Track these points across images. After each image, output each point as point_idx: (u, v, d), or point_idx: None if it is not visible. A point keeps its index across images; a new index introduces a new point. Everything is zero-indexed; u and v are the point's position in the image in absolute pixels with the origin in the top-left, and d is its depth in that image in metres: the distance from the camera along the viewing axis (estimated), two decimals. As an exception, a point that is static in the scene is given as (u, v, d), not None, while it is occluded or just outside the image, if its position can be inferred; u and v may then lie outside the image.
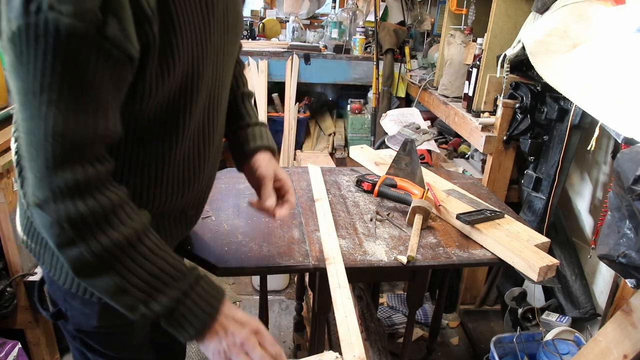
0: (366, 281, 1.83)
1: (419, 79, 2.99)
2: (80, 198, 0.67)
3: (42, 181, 0.66)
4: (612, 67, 1.41)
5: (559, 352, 1.62)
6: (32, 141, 0.64)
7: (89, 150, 0.67)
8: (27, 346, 1.73)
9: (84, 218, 0.67)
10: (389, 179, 1.48)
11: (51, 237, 0.69)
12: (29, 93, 0.62)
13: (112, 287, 0.71)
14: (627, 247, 1.13)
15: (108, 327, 0.98)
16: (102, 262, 0.69)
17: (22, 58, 0.60)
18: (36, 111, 0.63)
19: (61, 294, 0.97)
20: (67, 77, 0.61)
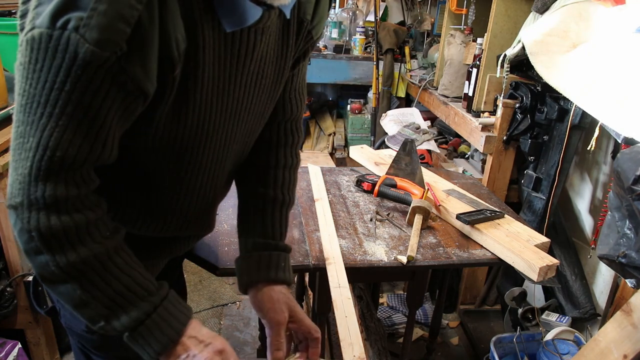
0: (366, 281, 1.83)
1: (419, 79, 2.99)
2: (54, 213, 0.65)
3: (22, 186, 0.64)
4: (612, 67, 1.41)
5: (559, 352, 1.62)
6: (23, 145, 0.63)
7: (77, 171, 0.66)
8: (27, 346, 1.73)
9: (55, 232, 0.65)
10: (389, 179, 1.48)
11: (20, 242, 0.68)
12: (33, 100, 0.61)
13: (75, 298, 0.70)
14: (627, 247, 1.13)
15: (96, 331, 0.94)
16: (67, 275, 0.68)
17: (37, 65, 0.60)
18: (36, 119, 0.62)
19: None
20: (74, 98, 0.61)
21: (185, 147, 0.77)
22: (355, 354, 0.91)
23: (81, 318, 0.73)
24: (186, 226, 0.92)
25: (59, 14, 0.57)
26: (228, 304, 2.45)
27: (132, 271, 0.73)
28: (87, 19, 0.57)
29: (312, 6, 0.84)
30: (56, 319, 1.00)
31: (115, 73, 0.61)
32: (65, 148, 0.63)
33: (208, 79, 0.73)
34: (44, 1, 0.59)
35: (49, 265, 0.67)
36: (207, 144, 0.80)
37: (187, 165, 0.80)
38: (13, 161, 0.65)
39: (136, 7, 0.59)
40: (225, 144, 0.84)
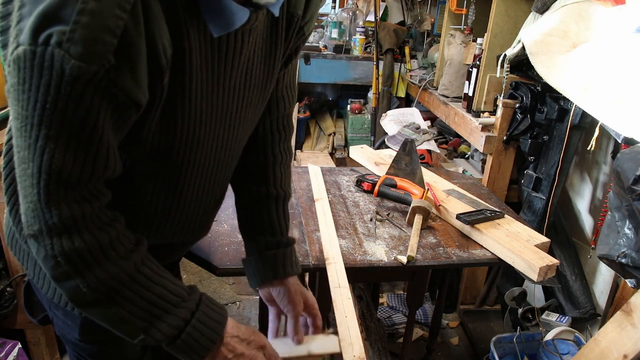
0: (366, 281, 1.83)
1: (419, 79, 2.99)
2: (76, 234, 0.64)
3: (36, 213, 0.62)
4: (612, 67, 1.41)
5: (559, 352, 1.62)
6: (26, 171, 0.61)
7: (85, 187, 0.64)
8: (27, 346, 1.73)
9: (80, 253, 0.64)
10: (389, 179, 1.48)
11: (47, 269, 0.66)
12: (26, 123, 0.58)
13: (112, 316, 0.70)
14: (627, 247, 1.13)
15: (91, 341, 0.95)
16: (99, 295, 0.67)
17: (25, 85, 0.56)
18: (32, 143, 0.59)
19: (46, 302, 0.94)
20: (67, 116, 0.58)
21: (177, 154, 0.75)
22: (355, 354, 0.91)
23: (122, 335, 0.72)
24: (181, 233, 0.90)
25: (40, 29, 0.54)
26: (228, 304, 2.44)
27: (162, 280, 0.73)
28: (70, 32, 0.53)
29: (303, 0, 0.81)
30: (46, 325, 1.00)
31: (105, 86, 0.58)
32: (68, 168, 0.61)
33: (196, 84, 0.71)
34: (25, 15, 0.55)
35: (81, 288, 0.66)
36: (199, 150, 0.78)
37: (179, 172, 0.79)
38: (21, 188, 0.63)
39: (121, 17, 0.55)
40: (218, 148, 0.82)
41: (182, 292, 0.74)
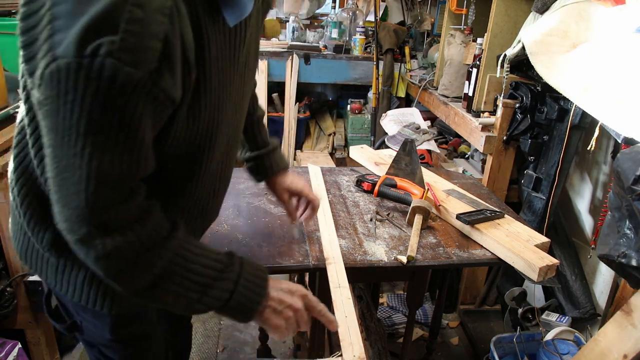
0: (366, 281, 1.83)
1: (419, 79, 2.99)
2: (123, 230, 0.67)
3: (82, 218, 0.64)
4: (612, 67, 1.41)
5: (559, 352, 1.62)
6: (71, 179, 0.63)
7: (128, 187, 0.68)
8: (27, 346, 1.73)
9: (130, 246, 0.68)
10: (389, 179, 1.48)
11: (100, 270, 0.69)
12: (71, 132, 0.60)
13: (168, 296, 0.74)
14: (627, 247, 1.13)
15: (122, 338, 0.98)
16: (154, 279, 0.71)
17: (68, 97, 0.58)
18: (78, 151, 0.61)
19: (72, 307, 0.97)
20: (114, 122, 0.60)
21: (200, 140, 0.80)
22: (355, 354, 0.91)
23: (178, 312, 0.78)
24: (201, 216, 0.95)
25: (87, 41, 0.55)
26: (228, 304, 2.44)
27: (204, 252, 0.78)
28: (120, 42, 0.56)
29: None
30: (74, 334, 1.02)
31: (149, 89, 0.61)
32: (115, 172, 0.64)
33: (214, 74, 0.75)
34: (59, 29, 0.57)
35: (135, 278, 0.70)
36: (218, 132, 0.83)
37: (201, 156, 0.83)
38: (62, 197, 0.65)
39: (163, 22, 0.59)
40: (231, 127, 0.89)
41: (223, 258, 0.80)
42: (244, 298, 0.79)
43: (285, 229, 1.29)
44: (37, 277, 1.63)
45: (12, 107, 1.69)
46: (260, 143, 1.16)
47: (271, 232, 1.27)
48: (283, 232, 1.28)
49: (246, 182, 1.58)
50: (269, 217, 1.35)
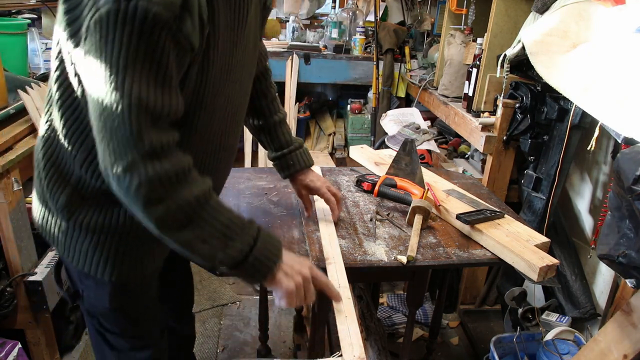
0: (366, 281, 1.83)
1: (419, 79, 2.99)
2: (164, 158, 0.77)
3: (128, 147, 0.74)
4: (612, 67, 1.41)
5: (559, 352, 1.62)
6: (114, 112, 0.72)
7: (163, 121, 0.77)
8: (27, 346, 1.73)
9: (169, 175, 0.77)
10: (389, 179, 1.48)
11: (139, 199, 0.76)
12: (111, 70, 0.71)
13: (193, 238, 0.81)
14: (627, 247, 1.13)
15: (120, 308, 1.05)
16: (184, 216, 0.80)
17: (108, 38, 0.69)
18: (120, 85, 0.71)
19: (77, 276, 1.04)
20: (148, 57, 0.72)
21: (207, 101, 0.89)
22: (355, 354, 0.91)
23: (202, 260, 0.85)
24: None
25: None
26: (228, 304, 2.45)
27: (228, 208, 0.87)
28: None
29: None
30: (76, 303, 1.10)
31: (174, 32, 0.72)
32: (153, 102, 0.74)
33: (221, 40, 0.86)
34: None
35: (171, 210, 0.78)
36: (222, 97, 0.93)
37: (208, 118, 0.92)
38: (107, 132, 0.74)
39: None
40: (234, 96, 0.98)
41: (244, 219, 0.88)
42: (262, 256, 0.87)
43: (285, 229, 1.29)
44: (37, 277, 1.64)
45: (12, 107, 1.69)
46: (284, 143, 1.27)
47: (271, 232, 1.27)
48: (283, 232, 1.28)
49: (246, 182, 1.58)
50: (269, 217, 1.35)
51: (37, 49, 2.11)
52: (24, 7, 2.53)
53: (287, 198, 1.48)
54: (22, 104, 1.72)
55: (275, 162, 1.29)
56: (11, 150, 1.58)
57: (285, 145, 1.27)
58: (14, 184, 1.55)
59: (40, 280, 1.63)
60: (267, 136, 1.28)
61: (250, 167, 3.15)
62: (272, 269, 0.89)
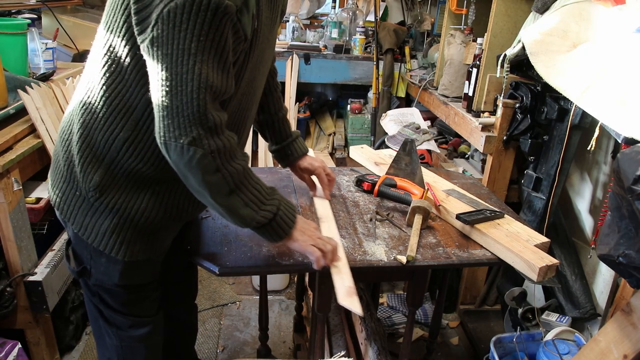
0: (366, 281, 1.83)
1: (419, 79, 2.99)
2: (222, 133, 0.89)
3: (194, 122, 0.85)
4: (612, 67, 1.41)
5: (559, 352, 1.62)
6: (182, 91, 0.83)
7: (220, 102, 0.89)
8: (27, 346, 1.73)
9: (226, 148, 0.90)
10: (389, 179, 1.48)
11: (200, 168, 0.88)
12: (183, 54, 0.81)
13: (239, 202, 0.96)
14: (627, 247, 1.13)
15: (128, 286, 1.15)
16: (234, 183, 0.93)
17: (182, 26, 0.79)
18: (191, 68, 0.81)
19: (88, 253, 1.11)
20: (215, 44, 0.82)
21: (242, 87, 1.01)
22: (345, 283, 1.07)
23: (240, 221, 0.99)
24: None
25: None
26: (228, 304, 2.45)
27: (258, 179, 1.02)
28: None
29: None
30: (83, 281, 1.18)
31: (235, 22, 0.84)
32: (217, 84, 0.85)
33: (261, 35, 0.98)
34: None
35: (225, 178, 0.92)
36: (253, 84, 1.06)
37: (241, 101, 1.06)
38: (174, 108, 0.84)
39: None
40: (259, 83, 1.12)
41: (269, 188, 1.04)
42: (284, 218, 1.04)
43: (285, 229, 1.29)
44: (37, 277, 1.64)
45: (12, 107, 1.69)
46: (284, 136, 1.39)
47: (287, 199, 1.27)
48: (283, 232, 1.28)
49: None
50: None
51: (37, 49, 2.11)
52: (24, 7, 2.53)
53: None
54: (22, 104, 1.72)
55: (275, 154, 1.42)
56: (11, 150, 1.58)
57: (285, 138, 1.39)
58: (14, 184, 1.55)
59: (40, 280, 1.63)
60: (270, 130, 1.39)
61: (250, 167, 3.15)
62: (291, 227, 1.06)
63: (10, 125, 1.67)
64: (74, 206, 1.07)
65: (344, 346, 1.65)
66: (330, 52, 3.36)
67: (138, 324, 1.22)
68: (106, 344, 1.25)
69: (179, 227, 1.20)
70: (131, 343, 1.23)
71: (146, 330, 1.24)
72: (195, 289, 1.62)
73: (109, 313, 1.19)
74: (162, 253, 1.18)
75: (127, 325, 1.21)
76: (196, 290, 1.62)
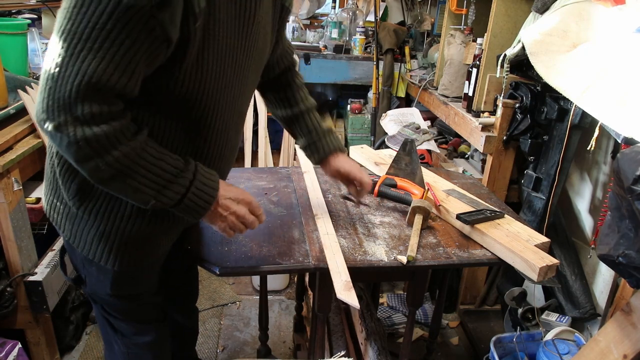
0: (366, 281, 1.83)
1: (419, 79, 2.99)
2: (95, 124, 0.79)
3: (62, 107, 0.77)
4: (612, 67, 1.41)
5: (559, 352, 1.62)
6: (62, 73, 0.76)
7: (107, 95, 0.80)
8: (27, 346, 1.73)
9: (97, 138, 0.80)
10: (389, 179, 1.48)
11: (69, 154, 0.82)
12: (74, 37, 0.75)
13: (127, 188, 0.87)
14: (627, 247, 1.13)
15: (120, 295, 1.11)
16: (115, 170, 0.84)
17: (82, 9, 0.73)
18: (76, 52, 0.75)
19: (80, 261, 1.09)
20: (112, 36, 0.75)
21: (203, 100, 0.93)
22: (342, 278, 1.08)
23: (137, 204, 0.92)
24: None
25: None
26: (228, 304, 2.45)
27: (163, 156, 0.90)
28: None
29: None
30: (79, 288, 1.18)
31: (148, 18, 0.75)
32: (100, 76, 0.77)
33: (221, 35, 0.89)
34: None
35: (100, 167, 0.82)
36: (221, 97, 0.97)
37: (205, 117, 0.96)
38: (50, 87, 0.77)
39: None
40: (234, 98, 1.02)
41: (180, 164, 0.92)
42: (194, 202, 0.93)
43: (285, 229, 1.29)
44: (37, 277, 1.64)
45: (12, 107, 1.69)
46: (312, 130, 1.31)
47: (271, 232, 1.27)
48: (283, 232, 1.28)
49: (246, 182, 1.58)
50: (269, 217, 1.35)
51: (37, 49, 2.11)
52: (24, 7, 2.53)
53: (287, 198, 1.48)
54: (22, 104, 1.72)
55: (306, 151, 1.34)
56: (11, 150, 1.58)
57: (314, 132, 1.31)
58: (14, 184, 1.55)
59: (40, 280, 1.63)
60: (295, 125, 1.32)
61: (250, 167, 3.15)
62: (204, 212, 0.96)
63: (11, 125, 1.67)
64: (62, 214, 1.04)
65: (344, 346, 1.65)
66: (330, 52, 3.36)
67: (142, 331, 1.20)
68: (114, 351, 1.24)
69: (176, 233, 1.15)
70: (137, 350, 1.22)
71: (152, 338, 1.22)
72: (195, 292, 1.60)
73: (112, 320, 1.18)
74: (157, 261, 1.15)
75: (131, 332, 1.19)
76: (197, 294, 1.61)
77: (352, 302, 1.02)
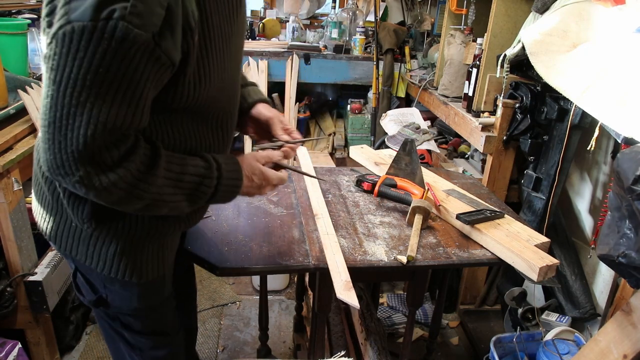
0: (366, 281, 1.83)
1: (419, 79, 2.99)
2: (116, 167, 0.76)
3: (81, 160, 0.73)
4: (612, 67, 1.41)
5: (559, 352, 1.62)
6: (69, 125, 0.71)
7: (122, 134, 0.76)
8: (27, 346, 1.73)
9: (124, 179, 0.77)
10: (389, 179, 1.48)
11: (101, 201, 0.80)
12: (76, 85, 0.69)
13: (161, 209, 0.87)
14: (627, 247, 1.13)
15: (147, 307, 1.10)
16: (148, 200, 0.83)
17: (78, 54, 0.67)
18: (82, 101, 0.69)
19: (100, 281, 1.05)
20: (119, 76, 0.70)
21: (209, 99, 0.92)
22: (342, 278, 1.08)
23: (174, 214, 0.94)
24: None
25: (102, 7, 0.66)
26: (228, 304, 2.45)
27: (186, 168, 0.89)
28: (131, 7, 0.66)
29: None
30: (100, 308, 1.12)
31: (152, 50, 0.71)
32: (113, 120, 0.72)
33: (217, 39, 0.87)
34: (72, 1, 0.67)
35: (133, 202, 0.82)
36: (224, 91, 0.96)
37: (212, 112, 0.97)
38: (57, 143, 0.72)
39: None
40: (233, 85, 1.02)
41: (203, 171, 0.91)
42: (224, 195, 0.96)
43: (285, 229, 1.29)
44: (37, 277, 1.64)
45: (12, 107, 1.69)
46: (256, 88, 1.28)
47: (271, 232, 1.27)
48: (283, 232, 1.28)
49: (246, 182, 1.57)
50: (269, 217, 1.35)
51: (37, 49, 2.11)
52: (24, 7, 2.53)
53: (287, 198, 1.48)
54: (22, 104, 1.72)
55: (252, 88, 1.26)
56: (11, 150, 1.58)
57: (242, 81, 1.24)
58: (14, 184, 1.55)
59: (40, 280, 1.63)
60: None
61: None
62: (235, 197, 0.99)
63: (11, 125, 1.67)
64: (73, 237, 0.99)
65: (344, 346, 1.65)
66: (330, 52, 3.36)
67: (160, 344, 1.19)
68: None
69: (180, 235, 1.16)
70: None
71: (168, 351, 1.21)
72: (194, 292, 1.59)
73: (131, 336, 1.15)
74: (171, 265, 1.14)
75: (149, 347, 1.17)
76: (195, 294, 1.60)
77: (352, 302, 1.03)
